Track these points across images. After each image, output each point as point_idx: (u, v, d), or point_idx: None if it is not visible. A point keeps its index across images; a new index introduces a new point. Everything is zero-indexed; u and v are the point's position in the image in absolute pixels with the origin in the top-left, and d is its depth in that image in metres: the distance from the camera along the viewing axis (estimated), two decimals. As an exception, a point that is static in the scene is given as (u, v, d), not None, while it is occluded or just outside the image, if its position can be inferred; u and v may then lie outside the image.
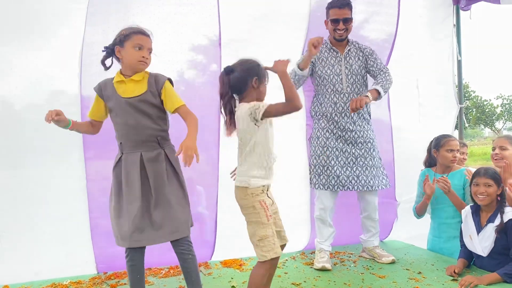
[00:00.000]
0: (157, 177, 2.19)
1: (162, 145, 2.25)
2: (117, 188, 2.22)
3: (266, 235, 2.09)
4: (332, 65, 3.17)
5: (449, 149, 3.17)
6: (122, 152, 2.22)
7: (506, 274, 2.56)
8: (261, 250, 2.10)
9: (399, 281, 2.74)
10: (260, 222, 2.10)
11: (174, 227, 2.19)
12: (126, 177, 2.19)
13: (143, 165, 2.18)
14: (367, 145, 3.18)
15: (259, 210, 2.11)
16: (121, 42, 2.19)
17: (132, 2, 3.00)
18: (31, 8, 2.82)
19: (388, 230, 3.84)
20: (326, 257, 3.09)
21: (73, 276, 2.89)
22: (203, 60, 3.25)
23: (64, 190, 2.93)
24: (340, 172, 3.12)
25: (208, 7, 3.15)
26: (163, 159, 2.22)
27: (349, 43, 3.24)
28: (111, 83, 2.23)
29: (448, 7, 4.15)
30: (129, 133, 2.20)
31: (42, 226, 2.88)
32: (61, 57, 2.89)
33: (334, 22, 3.11)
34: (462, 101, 4.27)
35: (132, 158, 2.19)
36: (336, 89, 3.15)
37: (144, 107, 2.19)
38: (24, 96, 2.87)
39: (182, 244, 2.22)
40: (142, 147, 2.20)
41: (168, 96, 2.23)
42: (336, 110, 3.15)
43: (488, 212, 2.76)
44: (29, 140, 2.86)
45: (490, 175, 2.73)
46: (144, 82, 2.22)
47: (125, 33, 2.19)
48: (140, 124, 2.19)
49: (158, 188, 2.18)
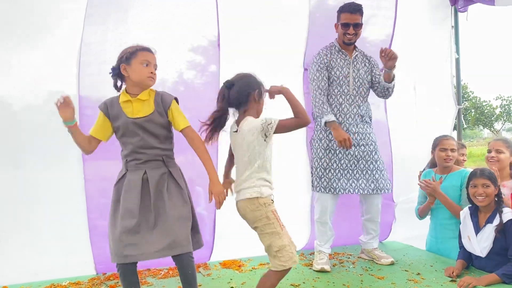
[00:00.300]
0: (158, 194, 2.18)
1: (167, 163, 2.24)
2: (115, 203, 2.20)
3: (283, 245, 2.09)
4: (342, 67, 3.18)
5: (442, 148, 3.18)
6: (127, 169, 2.21)
7: (504, 275, 2.56)
8: (279, 260, 2.09)
9: (398, 282, 2.74)
10: (276, 233, 2.10)
11: (173, 242, 2.15)
12: (126, 193, 2.16)
13: (146, 182, 2.17)
14: (369, 148, 3.18)
15: (273, 220, 2.11)
16: (127, 59, 2.17)
17: (131, 3, 3.00)
18: (29, 9, 2.82)
19: (387, 232, 3.84)
20: (325, 258, 3.09)
21: (72, 277, 2.89)
22: (202, 60, 3.25)
23: (62, 190, 2.92)
24: (342, 174, 3.13)
25: (207, 8, 3.15)
26: (166, 177, 2.22)
27: (356, 49, 3.27)
28: (117, 102, 2.21)
29: (446, 9, 4.16)
30: (135, 152, 2.19)
31: (40, 226, 2.88)
32: (59, 58, 2.89)
33: (344, 26, 3.13)
34: (461, 102, 4.28)
35: (136, 175, 2.18)
36: (343, 90, 3.17)
37: (151, 127, 2.20)
38: (22, 96, 2.87)
39: (182, 259, 2.19)
40: (147, 166, 2.19)
41: (176, 116, 2.25)
42: (341, 111, 3.16)
43: (486, 213, 2.76)
44: (27, 141, 2.86)
45: (487, 176, 2.74)
46: (151, 102, 2.22)
47: (130, 51, 2.18)
48: (147, 144, 2.19)
49: (158, 204, 2.17)
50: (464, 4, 4.11)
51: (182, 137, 2.75)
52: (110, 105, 2.22)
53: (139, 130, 2.18)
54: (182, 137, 2.57)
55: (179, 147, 2.50)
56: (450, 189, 3.13)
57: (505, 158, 3.06)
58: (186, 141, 2.33)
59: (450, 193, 3.12)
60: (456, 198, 3.11)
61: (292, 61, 3.51)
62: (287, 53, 3.46)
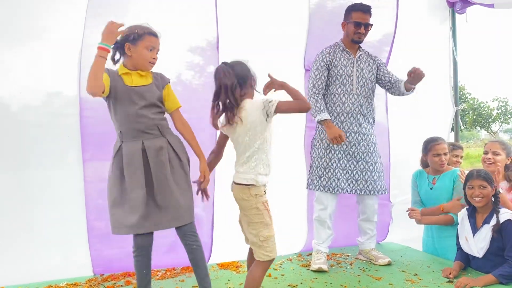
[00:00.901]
0: (159, 166, 2.22)
1: (164, 133, 2.28)
2: (118, 176, 2.22)
3: (270, 235, 2.14)
4: (345, 66, 3.19)
5: (436, 154, 3.20)
6: (122, 141, 2.23)
7: (501, 275, 2.58)
8: (264, 250, 2.13)
9: (395, 283, 2.75)
10: (264, 223, 2.15)
11: (177, 213, 2.23)
12: (128, 165, 2.20)
13: (145, 153, 2.20)
14: (369, 149, 3.19)
15: (262, 211, 2.16)
16: (134, 40, 2.20)
17: (130, 5, 3.00)
18: (28, 9, 2.82)
19: (384, 233, 3.85)
20: (323, 258, 3.10)
21: (70, 278, 2.88)
22: (200, 61, 3.26)
23: (61, 191, 2.92)
24: (341, 174, 3.14)
25: (206, 9, 3.15)
26: (166, 147, 2.25)
27: (360, 49, 3.28)
28: (117, 73, 2.23)
29: (444, 10, 4.17)
30: (130, 122, 2.21)
31: (39, 227, 2.88)
32: (58, 59, 2.89)
33: (357, 25, 3.15)
34: (458, 104, 4.30)
35: (134, 146, 2.20)
36: (346, 89, 3.18)
37: (150, 97, 2.25)
38: (21, 97, 2.87)
39: (187, 235, 2.27)
40: (144, 136, 2.22)
41: (171, 95, 2.33)
42: (344, 110, 3.17)
43: (483, 214, 2.78)
44: (26, 142, 2.85)
45: (483, 177, 2.75)
46: (149, 76, 2.29)
47: (139, 32, 2.21)
48: (141, 113, 2.21)
49: (160, 176, 2.21)
50: (462, 6, 4.13)
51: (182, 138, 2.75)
52: (111, 72, 2.23)
53: (138, 98, 2.21)
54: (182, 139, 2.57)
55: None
56: (443, 190, 3.16)
57: (501, 160, 3.08)
58: (185, 142, 2.35)
59: (443, 194, 3.16)
60: (449, 198, 3.15)
61: (293, 62, 3.51)
62: (288, 54, 3.46)
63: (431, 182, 3.25)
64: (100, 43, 2.10)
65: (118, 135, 2.27)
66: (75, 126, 2.89)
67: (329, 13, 3.49)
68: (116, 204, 2.22)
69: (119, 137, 2.26)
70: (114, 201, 2.23)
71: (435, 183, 3.20)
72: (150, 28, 2.26)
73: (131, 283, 2.80)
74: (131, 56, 2.23)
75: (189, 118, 2.40)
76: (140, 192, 2.18)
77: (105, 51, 2.10)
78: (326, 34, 3.40)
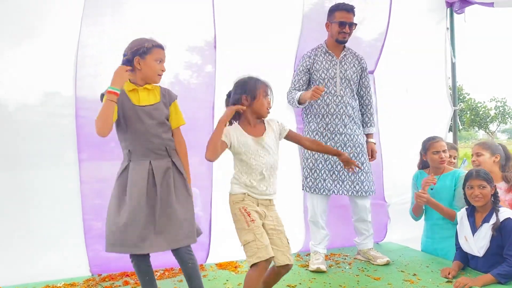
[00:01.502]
0: (165, 186, 2.21)
1: (170, 154, 2.27)
2: (120, 195, 2.20)
3: (246, 240, 2.15)
4: (327, 69, 3.19)
5: (435, 151, 3.20)
6: (130, 160, 2.22)
7: (499, 275, 2.57)
8: (246, 255, 2.16)
9: (394, 283, 2.74)
10: (242, 228, 2.18)
11: (177, 236, 2.21)
12: (132, 185, 2.18)
13: (151, 173, 2.19)
14: (356, 149, 3.19)
15: (239, 217, 2.19)
16: (143, 54, 2.21)
17: (127, 4, 2.99)
18: (24, 8, 2.81)
19: (383, 233, 3.84)
20: (321, 258, 3.10)
21: (67, 278, 2.87)
22: (198, 61, 3.25)
23: (58, 192, 2.91)
24: (327, 175, 3.14)
25: (203, 9, 3.15)
26: (171, 168, 2.25)
27: (345, 49, 3.27)
28: (123, 92, 2.20)
29: (442, 10, 4.17)
30: (139, 141, 2.20)
31: (35, 228, 2.86)
32: (55, 59, 2.88)
33: (341, 24, 3.14)
34: (456, 104, 4.30)
35: (141, 166, 2.20)
36: (330, 91, 3.18)
37: (158, 115, 2.24)
38: (17, 97, 2.85)
39: (183, 254, 2.26)
40: (151, 155, 2.22)
41: (177, 112, 2.34)
42: (328, 111, 3.17)
43: (483, 213, 2.78)
44: (22, 142, 2.84)
45: (483, 177, 2.75)
46: (156, 92, 2.29)
47: (147, 46, 2.22)
48: (151, 132, 2.21)
49: (164, 196, 2.20)
50: (461, 6, 4.13)
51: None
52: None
53: (146, 117, 2.20)
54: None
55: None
56: (444, 189, 3.15)
57: (487, 159, 3.15)
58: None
59: (444, 194, 3.14)
60: (449, 199, 3.13)
61: (287, 62, 3.51)
62: (282, 54, 3.46)
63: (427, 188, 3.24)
64: (110, 87, 2.10)
65: (125, 154, 2.25)
66: (71, 126, 2.88)
67: (323, 15, 3.47)
68: (116, 222, 2.17)
69: (126, 156, 2.24)
70: (113, 219, 2.19)
71: (435, 184, 3.19)
72: (156, 41, 2.27)
73: (129, 283, 2.79)
74: (140, 70, 2.22)
75: (186, 118, 2.39)
76: (141, 213, 2.15)
77: (114, 95, 2.10)
78: (318, 36, 3.39)
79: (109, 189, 2.29)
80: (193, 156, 2.45)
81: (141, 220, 2.15)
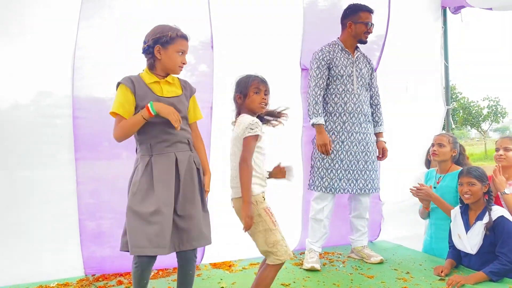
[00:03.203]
0: (188, 180, 2.14)
1: (191, 148, 2.22)
2: (146, 192, 2.06)
3: (277, 240, 2.14)
4: (345, 66, 3.20)
5: (432, 143, 3.25)
6: (151, 154, 2.10)
7: (491, 273, 2.60)
8: (275, 255, 2.14)
9: (388, 281, 2.76)
10: (268, 229, 2.14)
11: (199, 233, 2.13)
12: (160, 178, 2.07)
13: (177, 167, 2.11)
14: (368, 148, 3.21)
15: (265, 217, 2.15)
16: (166, 43, 2.13)
17: (124, 6, 2.98)
18: (20, 7, 2.79)
19: (377, 231, 3.86)
20: (316, 257, 3.11)
21: (61, 279, 2.86)
22: (192, 60, 3.24)
23: (52, 192, 2.88)
24: (343, 175, 3.16)
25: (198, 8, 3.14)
26: (193, 162, 2.19)
27: (357, 49, 3.30)
28: (143, 83, 2.13)
29: (437, 10, 4.19)
30: (164, 133, 2.11)
31: (30, 228, 2.84)
32: (49, 58, 2.86)
33: (366, 25, 3.18)
34: (449, 103, 4.32)
35: (166, 158, 2.10)
36: (348, 89, 3.19)
37: (182, 107, 2.18)
38: (11, 96, 2.83)
39: (189, 260, 2.18)
40: (176, 148, 2.14)
41: (196, 106, 2.30)
42: (346, 110, 3.17)
43: (476, 211, 2.80)
44: (15, 141, 2.82)
45: (472, 174, 2.77)
46: (177, 85, 2.24)
47: (171, 36, 2.12)
48: None
49: (187, 191, 2.12)
50: (457, 8, 4.15)
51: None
52: (137, 83, 2.11)
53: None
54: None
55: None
56: (445, 189, 3.13)
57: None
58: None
59: (445, 193, 3.12)
60: (452, 199, 3.09)
61: (289, 61, 3.50)
62: (284, 53, 3.45)
63: (436, 181, 3.25)
64: (152, 108, 2.02)
65: (144, 149, 2.12)
66: (66, 126, 2.87)
67: (322, 12, 3.48)
68: (143, 221, 2.02)
69: (148, 150, 2.11)
70: (140, 217, 2.03)
71: (439, 183, 3.21)
72: (181, 30, 2.18)
73: (122, 282, 2.79)
74: (159, 60, 2.14)
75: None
76: (170, 209, 2.05)
77: (150, 116, 2.03)
78: (321, 32, 3.40)
79: (104, 189, 2.25)
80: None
81: (171, 218, 2.05)
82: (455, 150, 3.20)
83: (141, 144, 2.15)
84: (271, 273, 2.17)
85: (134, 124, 2.06)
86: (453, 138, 3.22)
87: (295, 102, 3.47)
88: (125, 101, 2.09)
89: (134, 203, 2.07)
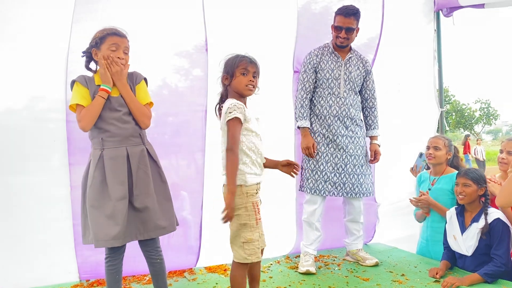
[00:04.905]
0: (141, 173, 2.21)
1: (144, 141, 2.28)
2: (100, 186, 2.16)
3: (252, 239, 2.09)
4: (332, 70, 3.20)
5: (427, 146, 3.26)
6: (103, 148, 2.19)
7: (486, 274, 2.61)
8: (244, 252, 2.10)
9: (383, 283, 2.76)
10: (249, 225, 2.10)
11: (157, 223, 2.23)
12: (113, 172, 2.16)
13: (128, 160, 2.19)
14: (357, 152, 3.21)
15: (250, 212, 2.10)
16: (97, 45, 2.22)
17: (117, 10, 2.97)
18: (11, 12, 2.77)
19: (371, 233, 3.87)
20: (311, 260, 3.11)
21: (55, 284, 2.84)
22: (186, 64, 3.24)
23: (46, 197, 2.86)
24: (329, 177, 3.15)
25: (193, 12, 3.14)
26: (146, 155, 2.26)
27: (351, 51, 3.28)
28: (94, 83, 2.23)
29: (429, 13, 4.22)
30: (114, 127, 2.19)
31: (23, 233, 2.81)
32: (42, 62, 2.84)
33: (337, 29, 3.16)
34: (443, 105, 4.35)
35: (117, 153, 2.18)
36: (333, 92, 3.19)
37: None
38: (4, 100, 2.81)
39: (151, 250, 2.28)
40: (127, 142, 2.21)
41: (142, 91, 2.32)
42: (330, 113, 3.18)
43: (472, 213, 2.81)
44: (9, 146, 2.79)
45: (469, 176, 2.79)
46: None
47: (100, 36, 2.22)
48: (125, 119, 2.22)
49: (141, 184, 2.21)
50: (450, 10, 4.18)
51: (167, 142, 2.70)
52: (89, 82, 2.23)
53: (119, 106, 2.21)
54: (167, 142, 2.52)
55: (163, 151, 2.46)
56: (440, 191, 3.14)
57: None
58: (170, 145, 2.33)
59: (440, 196, 3.13)
60: (446, 201, 3.09)
61: (282, 64, 3.51)
62: (277, 56, 3.45)
63: (430, 183, 3.26)
64: (104, 85, 2.16)
65: (97, 143, 2.21)
66: (59, 130, 2.85)
67: (315, 15, 3.49)
68: (101, 215, 2.13)
69: (99, 144, 2.20)
70: (98, 211, 2.14)
71: (433, 185, 3.22)
72: (113, 28, 2.25)
73: None
74: (99, 61, 2.23)
75: (176, 121, 2.38)
76: (124, 201, 2.15)
77: (106, 92, 2.17)
78: (314, 35, 3.41)
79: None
80: (181, 160, 2.44)
81: (125, 209, 2.14)
82: (450, 153, 3.21)
83: (93, 138, 2.25)
84: (238, 272, 2.14)
85: (98, 105, 2.16)
86: (448, 141, 3.23)
87: (287, 104, 3.47)
88: (83, 95, 2.21)
89: (90, 197, 2.17)
